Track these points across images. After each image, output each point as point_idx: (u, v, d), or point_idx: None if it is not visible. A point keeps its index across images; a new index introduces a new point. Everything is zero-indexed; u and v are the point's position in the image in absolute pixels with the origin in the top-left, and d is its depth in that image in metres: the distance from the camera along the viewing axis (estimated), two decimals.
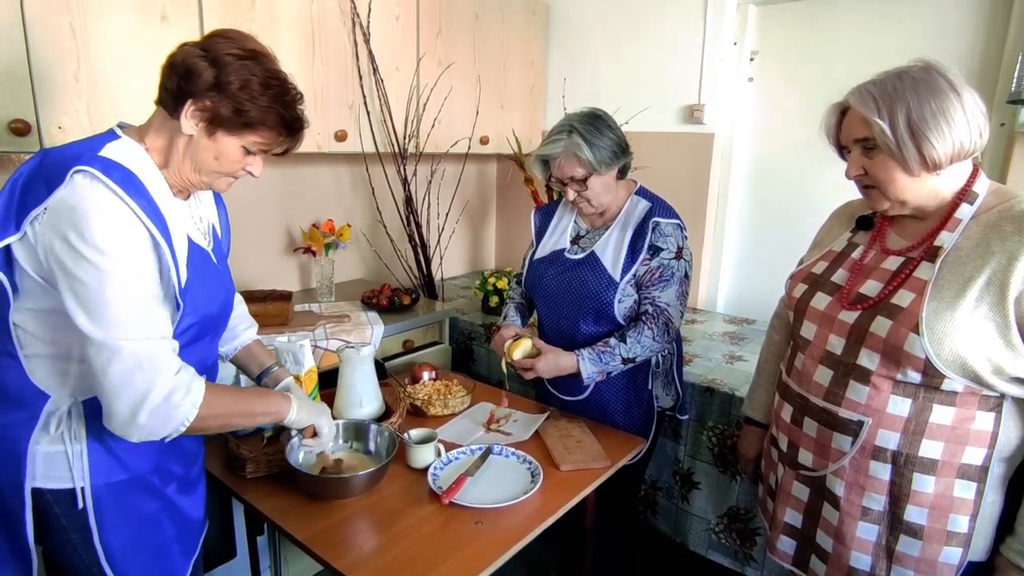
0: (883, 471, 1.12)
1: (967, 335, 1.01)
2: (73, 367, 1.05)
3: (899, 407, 1.09)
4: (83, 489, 1.07)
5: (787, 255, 1.93)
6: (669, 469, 2.12)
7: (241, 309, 1.45)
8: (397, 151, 2.50)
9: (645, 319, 1.60)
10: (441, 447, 1.50)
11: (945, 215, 1.10)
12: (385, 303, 2.39)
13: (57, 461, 1.06)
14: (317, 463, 1.40)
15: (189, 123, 1.03)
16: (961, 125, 1.01)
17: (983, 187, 1.09)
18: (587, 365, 1.57)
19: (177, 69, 1.01)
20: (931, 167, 1.04)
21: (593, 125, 1.57)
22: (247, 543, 1.81)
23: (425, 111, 2.53)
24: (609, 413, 1.73)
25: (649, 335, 1.58)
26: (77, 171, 0.95)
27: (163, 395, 0.98)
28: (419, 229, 2.72)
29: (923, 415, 1.08)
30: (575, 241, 1.74)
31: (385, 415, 1.65)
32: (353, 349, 1.62)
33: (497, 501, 1.34)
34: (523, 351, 1.64)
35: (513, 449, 1.54)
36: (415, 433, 1.52)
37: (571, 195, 1.63)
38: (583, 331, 1.68)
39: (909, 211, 1.13)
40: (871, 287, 1.15)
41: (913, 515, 1.12)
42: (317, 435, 1.31)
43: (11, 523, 1.07)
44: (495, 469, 1.48)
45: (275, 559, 1.90)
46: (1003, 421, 1.07)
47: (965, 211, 1.07)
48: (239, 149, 1.08)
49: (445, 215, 3.01)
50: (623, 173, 1.66)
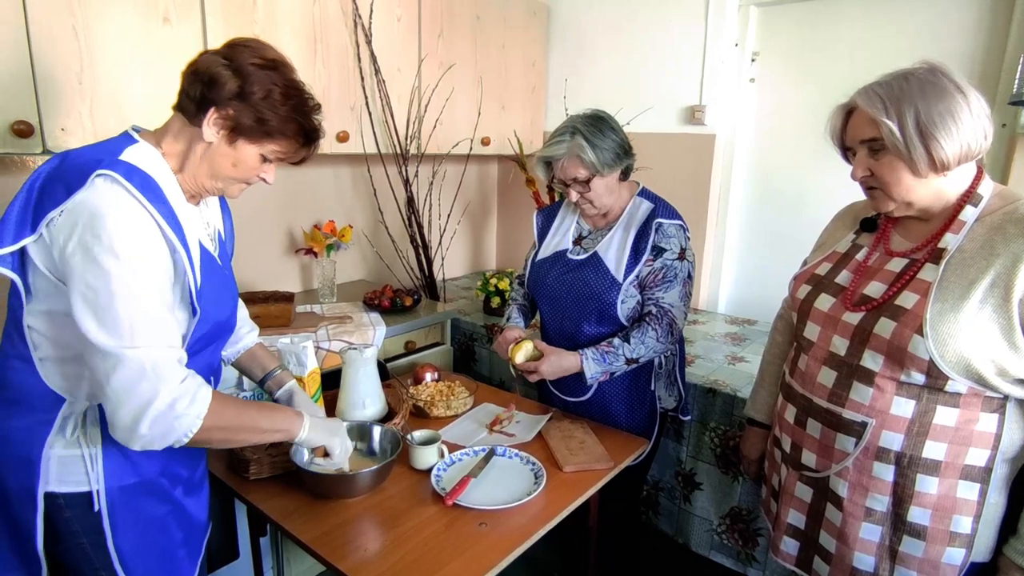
0: (886, 472, 1.12)
1: (971, 337, 1.01)
2: (87, 371, 1.04)
3: (903, 408, 1.09)
4: (98, 492, 1.06)
5: (789, 255, 1.94)
6: (671, 470, 2.12)
7: (243, 313, 1.45)
8: (399, 152, 2.50)
9: (649, 320, 1.60)
10: (444, 448, 1.50)
11: (949, 217, 1.10)
12: (387, 304, 2.39)
13: (73, 464, 1.05)
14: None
15: (211, 130, 1.04)
16: (968, 126, 1.02)
17: (987, 189, 1.09)
18: (591, 365, 1.57)
19: (201, 77, 1.02)
20: (939, 168, 1.04)
21: (596, 127, 1.57)
22: (250, 544, 1.80)
23: (427, 112, 2.53)
24: (612, 414, 1.73)
25: (653, 336, 1.58)
26: (99, 175, 0.95)
27: (167, 403, 0.97)
28: (421, 230, 2.72)
29: (927, 416, 1.08)
30: (577, 242, 1.75)
31: (388, 416, 1.65)
32: (356, 350, 1.62)
33: (501, 503, 1.34)
34: (525, 354, 1.64)
35: (516, 450, 1.54)
36: (418, 434, 1.52)
37: (574, 196, 1.63)
38: (586, 332, 1.68)
39: (914, 213, 1.13)
40: (875, 288, 1.15)
41: (916, 516, 1.12)
42: (329, 455, 1.28)
43: (19, 529, 1.07)
44: (498, 470, 1.48)
45: (278, 560, 1.90)
46: (1006, 422, 1.08)
47: (969, 213, 1.08)
48: (257, 157, 1.09)
49: (447, 216, 3.02)
50: (626, 174, 1.66)
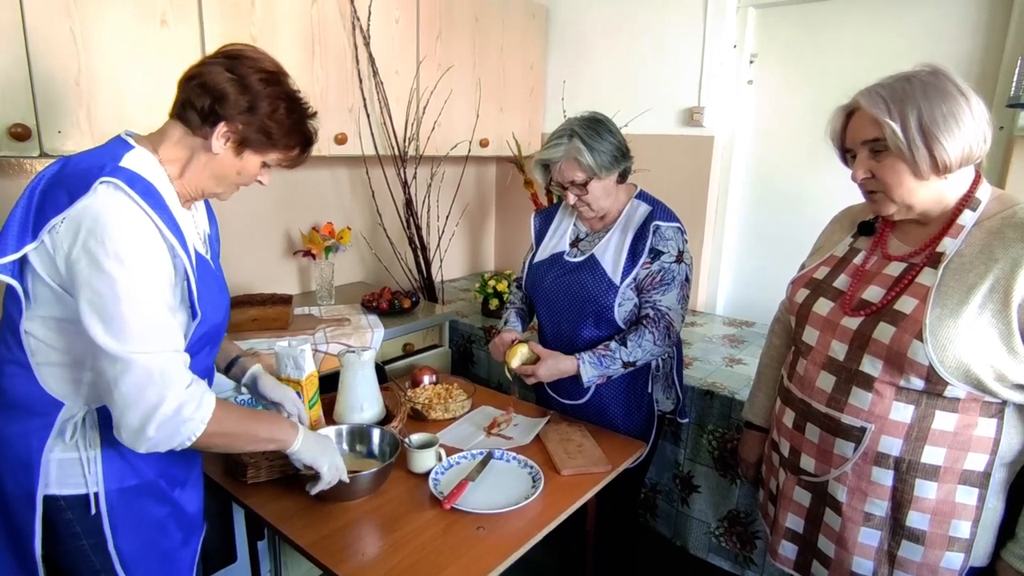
0: (885, 477, 1.12)
1: (970, 342, 1.01)
2: (86, 375, 1.05)
3: (902, 413, 1.09)
4: (96, 495, 1.08)
5: (787, 256, 1.94)
6: (669, 472, 2.12)
7: None
8: (397, 154, 2.50)
9: (646, 323, 1.60)
10: (442, 452, 1.50)
11: (947, 221, 1.10)
12: (385, 306, 2.38)
13: (72, 467, 1.07)
14: None
15: (219, 143, 1.08)
16: (970, 128, 1.02)
17: (985, 193, 1.09)
18: (588, 368, 1.57)
19: (210, 91, 1.05)
20: (941, 170, 1.04)
21: (594, 129, 1.57)
22: (247, 547, 1.80)
23: (425, 114, 2.53)
24: (609, 417, 1.73)
25: (650, 339, 1.58)
26: (103, 182, 0.97)
27: (174, 408, 0.99)
28: (419, 232, 2.72)
29: (926, 421, 1.08)
30: (575, 244, 1.74)
31: (386, 419, 1.65)
32: (354, 353, 1.62)
33: (498, 506, 1.34)
34: (521, 358, 1.64)
35: (514, 454, 1.54)
36: (416, 438, 1.52)
37: (571, 199, 1.63)
38: (583, 335, 1.68)
39: (914, 216, 1.13)
40: (873, 293, 1.15)
41: (915, 521, 1.12)
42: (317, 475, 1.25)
43: (17, 533, 1.07)
44: (496, 474, 1.48)
45: (276, 563, 1.90)
46: (1005, 427, 1.08)
47: (968, 217, 1.08)
48: (260, 164, 1.14)
49: (445, 218, 3.01)
50: (623, 177, 1.66)
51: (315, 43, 2.13)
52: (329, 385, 1.70)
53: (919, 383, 1.06)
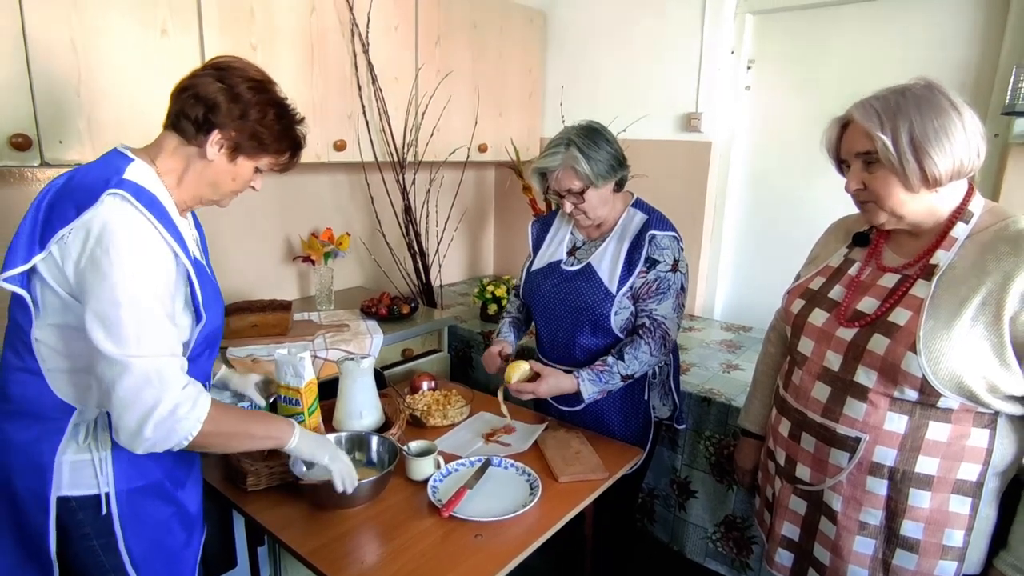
0: (880, 487, 1.13)
1: (963, 354, 1.02)
2: (95, 380, 1.08)
3: (896, 424, 1.10)
4: (108, 495, 1.11)
5: (784, 262, 1.94)
6: (666, 478, 2.13)
7: None
8: (396, 160, 2.51)
9: (642, 332, 1.61)
10: (440, 459, 1.51)
11: (941, 233, 1.11)
12: (384, 312, 2.39)
13: (84, 468, 1.10)
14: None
15: (213, 149, 1.12)
16: (961, 143, 1.03)
17: (978, 206, 1.10)
18: (587, 386, 1.58)
19: (203, 101, 1.09)
20: (931, 183, 1.05)
21: (591, 138, 1.58)
22: (247, 553, 1.81)
23: (424, 120, 2.54)
24: (606, 423, 1.74)
25: (646, 349, 1.59)
26: (110, 193, 1.01)
27: (169, 408, 1.02)
28: (418, 237, 2.73)
29: (919, 432, 1.09)
30: (572, 252, 1.75)
31: (385, 426, 1.66)
32: (353, 361, 1.63)
33: (496, 514, 1.34)
34: (521, 375, 1.63)
35: (512, 461, 1.55)
36: (414, 445, 1.53)
37: (568, 207, 1.64)
38: (580, 342, 1.69)
39: (905, 226, 1.14)
40: (868, 304, 1.16)
41: (909, 530, 1.13)
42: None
43: (32, 533, 1.11)
44: (494, 481, 1.49)
45: (276, 569, 1.90)
46: (997, 437, 1.09)
47: (960, 230, 1.09)
48: (252, 169, 1.18)
49: (444, 223, 3.02)
50: (620, 186, 1.67)
51: (314, 51, 2.14)
52: (328, 392, 1.70)
53: (913, 394, 1.07)
